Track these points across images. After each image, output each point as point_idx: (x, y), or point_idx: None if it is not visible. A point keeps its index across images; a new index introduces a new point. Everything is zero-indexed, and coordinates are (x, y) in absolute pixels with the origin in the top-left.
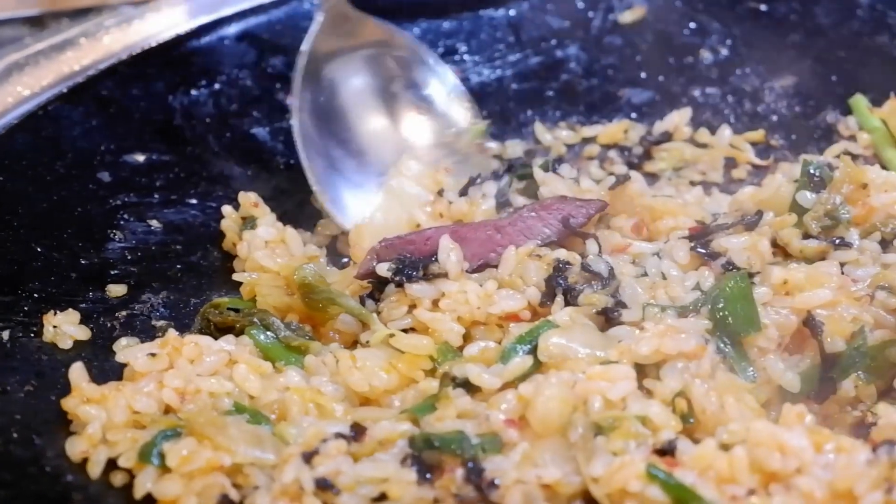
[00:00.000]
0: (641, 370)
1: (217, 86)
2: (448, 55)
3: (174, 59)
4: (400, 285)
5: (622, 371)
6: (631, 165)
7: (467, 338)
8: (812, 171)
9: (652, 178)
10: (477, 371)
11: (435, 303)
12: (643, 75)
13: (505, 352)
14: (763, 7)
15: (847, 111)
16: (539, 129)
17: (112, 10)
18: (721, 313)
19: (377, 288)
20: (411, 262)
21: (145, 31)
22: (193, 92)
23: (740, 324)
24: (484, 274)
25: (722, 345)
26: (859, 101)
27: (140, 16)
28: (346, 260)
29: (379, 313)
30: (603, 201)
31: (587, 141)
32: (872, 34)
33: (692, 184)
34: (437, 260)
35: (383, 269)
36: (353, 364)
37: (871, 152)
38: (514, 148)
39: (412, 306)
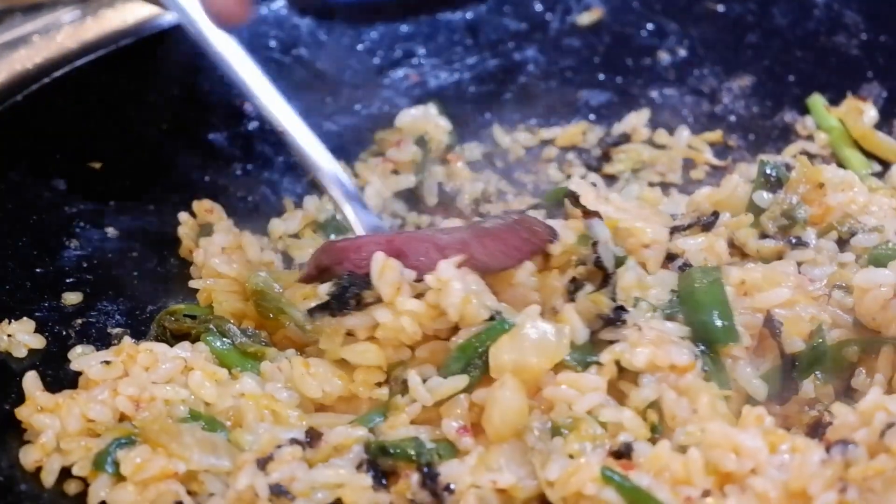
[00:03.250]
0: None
1: (175, 91)
2: (406, 58)
3: (131, 64)
4: (334, 314)
5: (592, 381)
6: (589, 167)
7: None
8: (768, 172)
9: (610, 179)
10: (416, 382)
11: (373, 328)
12: (601, 77)
13: (448, 361)
14: (720, 7)
15: (805, 111)
16: (497, 131)
17: (67, 5)
18: (698, 320)
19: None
20: (346, 287)
21: (102, 28)
22: (150, 98)
23: (719, 334)
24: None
25: (699, 353)
26: (816, 100)
27: (94, 13)
28: (300, 263)
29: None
30: (552, 237)
31: (545, 143)
32: (829, 34)
33: (651, 185)
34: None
35: (323, 293)
36: (305, 371)
37: (829, 152)
38: (473, 151)
39: (349, 334)
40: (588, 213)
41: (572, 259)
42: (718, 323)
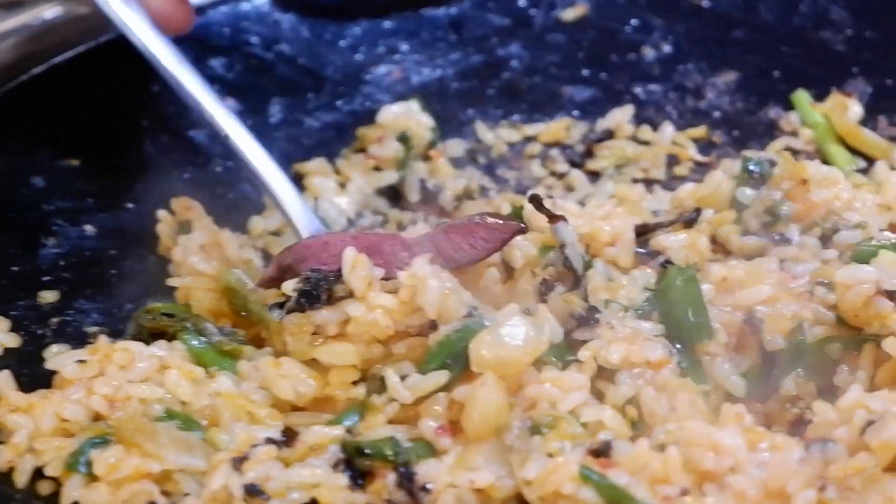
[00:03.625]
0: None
1: (154, 88)
2: (389, 54)
3: (111, 60)
4: (303, 310)
5: (576, 380)
6: (573, 164)
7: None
8: (751, 168)
9: (594, 176)
10: (394, 380)
11: (343, 324)
12: (585, 73)
13: (427, 357)
14: (705, 3)
15: (790, 106)
16: (480, 128)
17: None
18: (672, 318)
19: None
20: (316, 283)
21: (80, 25)
22: (130, 94)
23: (693, 331)
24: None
25: (675, 350)
26: (801, 96)
27: (73, 9)
28: None
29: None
30: (520, 225)
31: (529, 140)
32: (815, 29)
33: (634, 181)
34: (341, 276)
35: (289, 288)
36: (276, 372)
37: (814, 148)
38: (455, 147)
39: (315, 333)
40: (553, 217)
41: (540, 262)
42: (692, 320)
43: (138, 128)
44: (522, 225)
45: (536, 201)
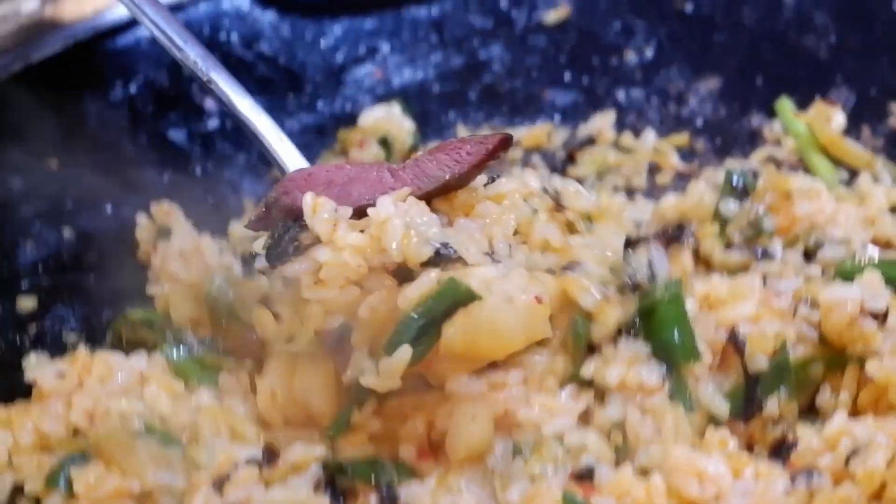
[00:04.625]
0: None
1: (133, 88)
2: (370, 54)
3: (89, 59)
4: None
5: (565, 406)
6: (554, 170)
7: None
8: (734, 182)
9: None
10: (370, 369)
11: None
12: (567, 76)
13: (395, 333)
14: (689, 6)
15: (773, 114)
16: (461, 131)
17: None
18: (659, 338)
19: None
20: (281, 236)
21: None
22: (108, 94)
23: (679, 353)
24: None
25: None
26: (784, 104)
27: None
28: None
29: None
30: (506, 135)
31: None
32: (798, 34)
33: (615, 189)
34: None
35: (259, 248)
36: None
37: (797, 157)
38: None
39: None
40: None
41: None
42: (678, 342)
43: (117, 128)
44: (508, 134)
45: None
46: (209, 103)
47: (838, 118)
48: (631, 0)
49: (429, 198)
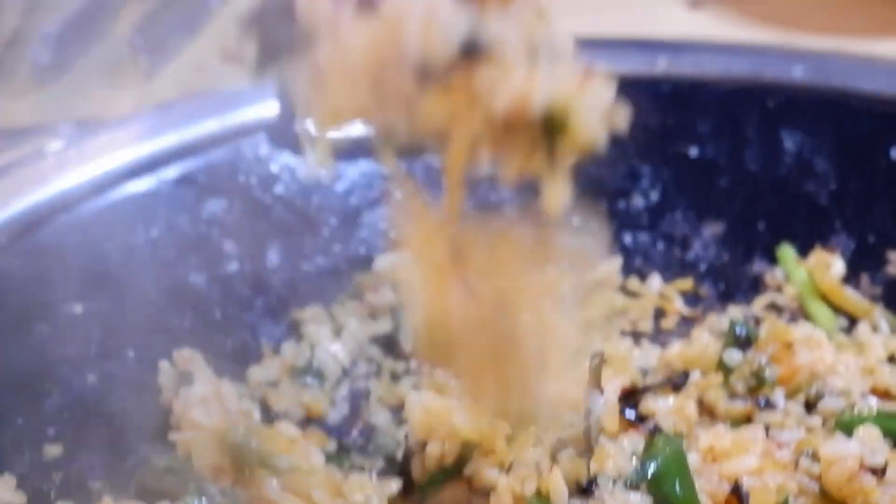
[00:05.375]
0: None
1: (154, 232)
2: (385, 198)
3: (111, 203)
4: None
5: None
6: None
7: None
8: (738, 332)
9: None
10: None
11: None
12: (575, 221)
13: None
14: (693, 151)
15: (774, 259)
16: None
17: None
18: (660, 491)
19: None
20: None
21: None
22: (130, 238)
23: None
24: None
25: None
26: (786, 252)
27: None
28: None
29: None
30: None
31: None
32: (799, 180)
33: (622, 333)
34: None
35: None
36: None
37: (798, 303)
38: None
39: None
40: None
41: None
42: (680, 495)
43: (140, 272)
44: None
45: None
46: (228, 245)
47: (837, 265)
48: (636, 144)
49: None
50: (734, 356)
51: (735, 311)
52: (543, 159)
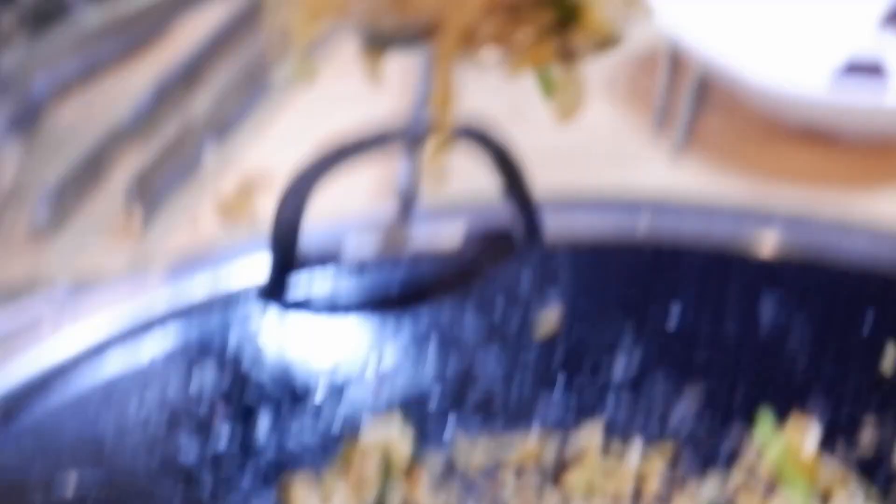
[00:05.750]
0: None
1: (145, 408)
2: (370, 363)
3: (103, 376)
4: None
5: None
6: (544, 480)
7: None
8: None
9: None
10: None
11: None
12: (557, 388)
13: None
14: (673, 321)
15: (752, 427)
16: (461, 439)
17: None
18: None
19: None
20: None
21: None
22: (123, 413)
23: None
24: None
25: None
26: (763, 421)
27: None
28: None
29: None
30: None
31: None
32: (776, 346)
33: None
34: None
35: None
36: None
37: (774, 471)
38: (434, 464)
39: None
40: None
41: None
42: None
43: (132, 447)
44: None
45: None
46: (218, 420)
47: (814, 432)
48: (621, 309)
49: None
50: None
51: (712, 486)
52: (555, 49)
